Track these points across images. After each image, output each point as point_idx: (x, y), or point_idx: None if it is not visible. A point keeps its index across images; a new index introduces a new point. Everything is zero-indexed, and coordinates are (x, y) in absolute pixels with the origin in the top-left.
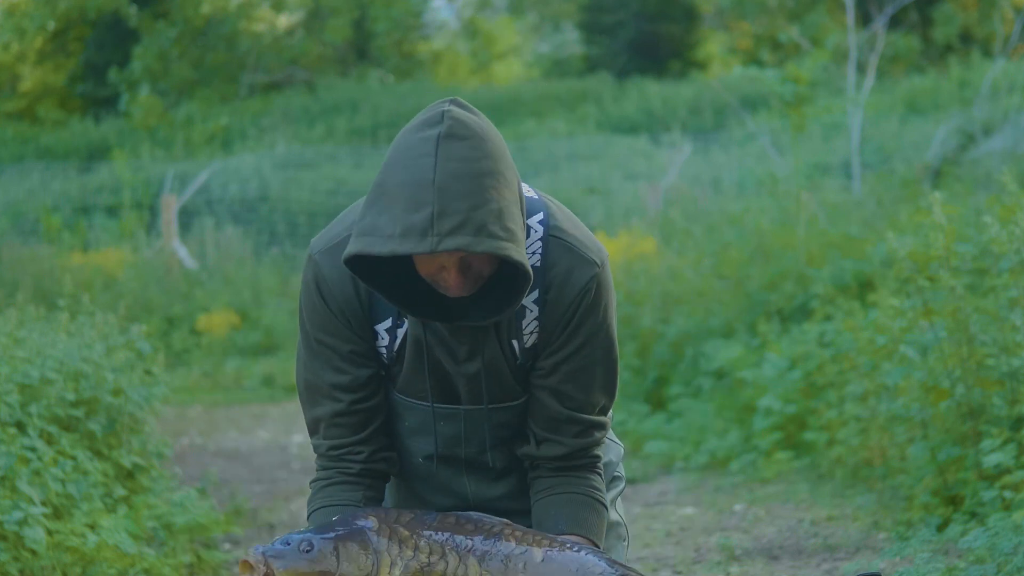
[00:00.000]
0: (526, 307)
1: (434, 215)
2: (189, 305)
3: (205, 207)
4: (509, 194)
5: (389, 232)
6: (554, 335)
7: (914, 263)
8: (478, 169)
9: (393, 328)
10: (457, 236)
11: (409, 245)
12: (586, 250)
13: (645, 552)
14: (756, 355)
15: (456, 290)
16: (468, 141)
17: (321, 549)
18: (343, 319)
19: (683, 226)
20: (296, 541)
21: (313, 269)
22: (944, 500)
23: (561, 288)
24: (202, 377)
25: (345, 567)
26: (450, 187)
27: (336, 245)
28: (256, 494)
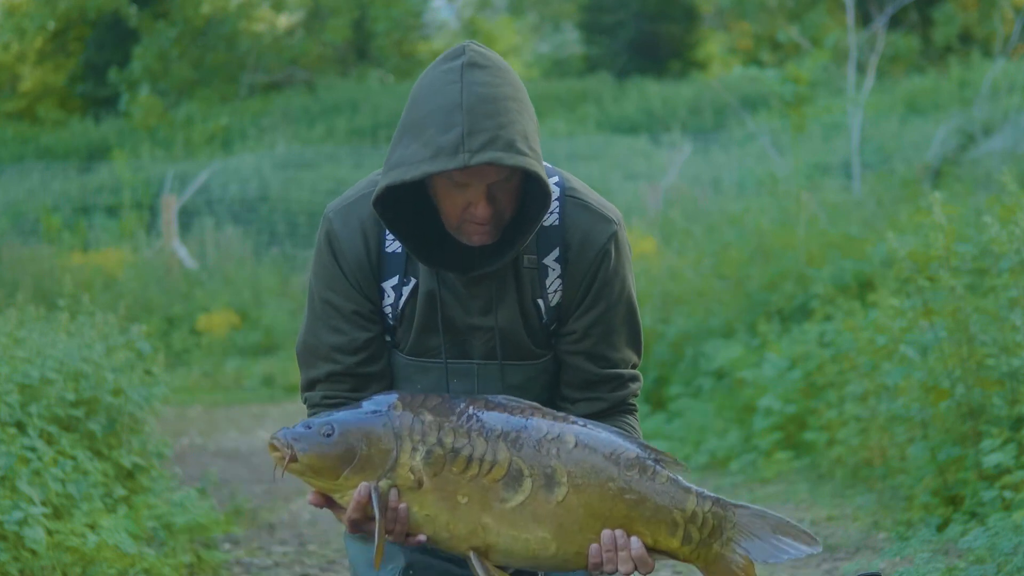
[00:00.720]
0: (548, 266)
1: (464, 134)
2: (189, 305)
3: (205, 207)
4: (530, 120)
5: (420, 157)
6: (578, 294)
7: (914, 263)
8: (502, 93)
9: (399, 286)
10: (488, 151)
11: (441, 163)
12: (603, 208)
13: None
14: (756, 355)
15: (483, 224)
16: (489, 69)
17: (342, 433)
18: (351, 277)
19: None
20: (317, 425)
21: (326, 227)
22: (944, 500)
23: (582, 245)
24: (202, 377)
25: (365, 451)
26: (477, 108)
27: (349, 204)
28: (256, 494)
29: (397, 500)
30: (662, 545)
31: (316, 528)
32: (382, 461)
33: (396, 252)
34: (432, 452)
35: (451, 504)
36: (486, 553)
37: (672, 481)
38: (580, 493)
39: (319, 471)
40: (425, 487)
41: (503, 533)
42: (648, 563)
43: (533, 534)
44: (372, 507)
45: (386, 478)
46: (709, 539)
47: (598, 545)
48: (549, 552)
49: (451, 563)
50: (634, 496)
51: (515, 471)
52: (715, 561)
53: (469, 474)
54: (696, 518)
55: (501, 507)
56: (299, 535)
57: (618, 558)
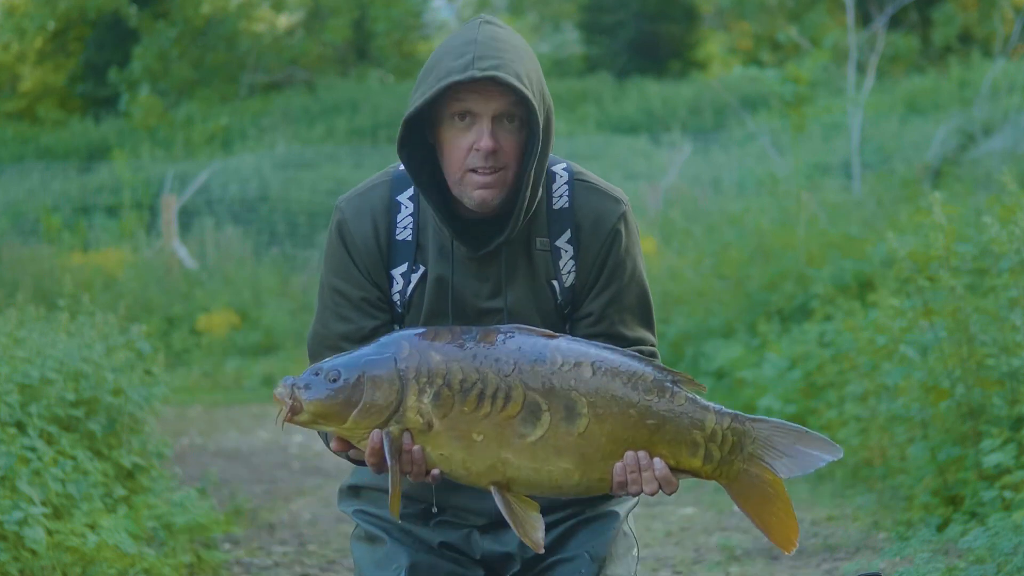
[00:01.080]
0: (561, 248)
1: (475, 57)
2: (189, 305)
3: (205, 207)
4: (536, 71)
5: (432, 82)
6: (592, 274)
7: (914, 263)
8: (515, 43)
9: (408, 273)
10: (496, 69)
11: (450, 79)
12: (611, 190)
13: (645, 552)
14: (756, 355)
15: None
16: (503, 30)
17: (347, 379)
18: (360, 265)
19: (683, 226)
20: (324, 371)
21: (337, 215)
22: (944, 500)
23: (593, 225)
24: (202, 377)
25: (370, 395)
26: (489, 43)
27: (361, 193)
28: (256, 494)
29: (411, 443)
30: (684, 465)
31: (316, 528)
32: (388, 405)
33: (406, 240)
34: (440, 393)
35: (466, 443)
36: (508, 486)
37: (690, 401)
38: (602, 422)
39: (326, 417)
40: (436, 428)
41: (524, 467)
42: (672, 482)
43: (555, 466)
44: (385, 452)
45: (395, 422)
46: (730, 456)
47: (622, 464)
48: (572, 481)
49: (457, 564)
50: (655, 420)
51: (532, 406)
52: (738, 478)
53: (482, 412)
54: (716, 436)
55: (520, 442)
56: (299, 535)
57: (642, 479)
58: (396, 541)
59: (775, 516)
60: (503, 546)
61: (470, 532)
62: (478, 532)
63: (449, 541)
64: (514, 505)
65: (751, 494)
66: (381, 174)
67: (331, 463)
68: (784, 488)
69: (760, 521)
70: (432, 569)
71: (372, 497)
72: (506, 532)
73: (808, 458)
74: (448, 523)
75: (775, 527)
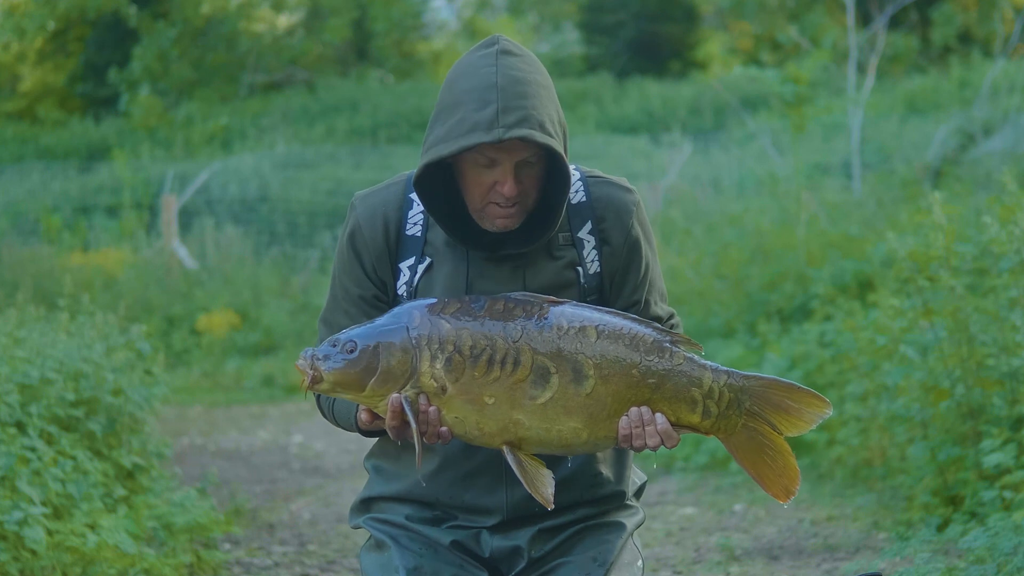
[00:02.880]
0: (583, 239)
1: (499, 110)
2: (189, 305)
3: (205, 207)
4: (556, 108)
5: (457, 133)
6: (622, 260)
7: (914, 263)
8: (534, 79)
9: (415, 265)
10: (521, 127)
11: (476, 136)
12: (620, 181)
13: (645, 553)
14: (756, 355)
15: (508, 206)
16: (522, 58)
17: (364, 349)
18: (367, 262)
19: (683, 226)
20: (341, 342)
21: (350, 211)
22: (944, 500)
23: (615, 215)
24: (202, 377)
25: (386, 363)
26: (511, 89)
27: (376, 191)
28: (256, 494)
29: (427, 404)
30: (684, 421)
31: (316, 528)
32: (403, 371)
33: (415, 236)
34: (451, 359)
35: (478, 405)
36: (519, 445)
37: (688, 360)
38: (607, 382)
39: (345, 386)
40: (449, 392)
41: (534, 427)
42: (673, 437)
43: (565, 425)
44: (406, 414)
45: (411, 386)
46: (727, 411)
47: (627, 418)
48: (581, 439)
49: (461, 569)
50: (655, 379)
51: (540, 369)
52: (737, 432)
53: (492, 376)
54: (713, 393)
55: (531, 404)
56: (299, 535)
57: (645, 433)
58: (401, 546)
59: (774, 468)
60: (512, 541)
61: (479, 532)
62: (488, 532)
63: (459, 540)
64: (526, 464)
65: (749, 447)
66: (397, 176)
67: (331, 463)
68: (784, 440)
69: (757, 473)
70: (436, 573)
71: (382, 507)
72: (516, 530)
73: (802, 413)
74: (460, 527)
75: (773, 479)
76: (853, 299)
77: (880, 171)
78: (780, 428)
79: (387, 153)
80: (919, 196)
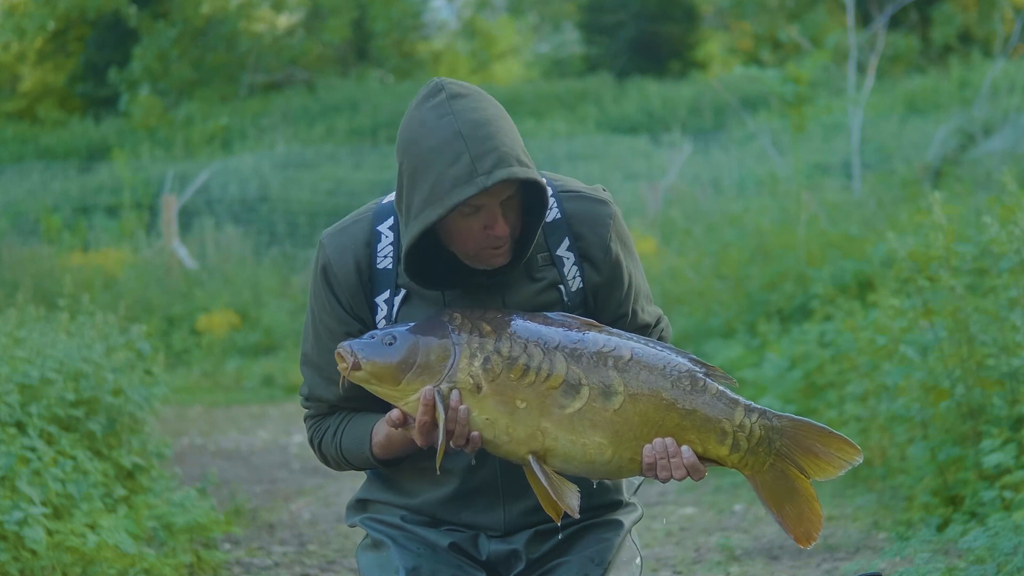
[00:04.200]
0: (562, 257)
1: (473, 159)
2: (189, 305)
3: (205, 207)
4: (517, 136)
5: (438, 195)
6: (604, 275)
7: (914, 263)
8: (490, 116)
9: (391, 298)
10: (501, 169)
11: (461, 192)
12: (595, 192)
13: (645, 553)
14: (756, 355)
15: (501, 245)
16: (471, 97)
17: (403, 341)
18: (344, 302)
19: (683, 226)
20: (380, 335)
21: (319, 253)
22: (944, 500)
23: (593, 230)
24: (202, 377)
25: (424, 359)
26: (476, 133)
27: (343, 228)
28: (256, 494)
29: (459, 401)
30: (712, 453)
31: (316, 528)
32: (441, 366)
33: (387, 269)
34: (490, 359)
35: (510, 408)
36: (544, 457)
37: (721, 393)
38: (636, 402)
39: (381, 377)
40: (484, 391)
41: (561, 437)
42: (700, 470)
43: (590, 439)
44: (437, 408)
45: (446, 382)
46: (757, 448)
47: (651, 446)
48: (605, 457)
49: (459, 570)
50: (686, 406)
51: (572, 380)
52: (766, 473)
53: (527, 381)
54: (744, 427)
55: (560, 412)
56: (299, 535)
57: (671, 464)
58: (400, 547)
59: (797, 511)
60: (510, 544)
61: (477, 535)
62: (485, 536)
63: (457, 542)
64: (551, 474)
65: (774, 488)
66: (363, 209)
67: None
68: (811, 485)
69: (781, 515)
70: (434, 573)
71: (379, 509)
72: (514, 535)
73: (831, 458)
74: (456, 530)
75: (796, 522)
76: (853, 299)
77: (880, 171)
78: (807, 471)
79: (387, 153)
80: (919, 196)
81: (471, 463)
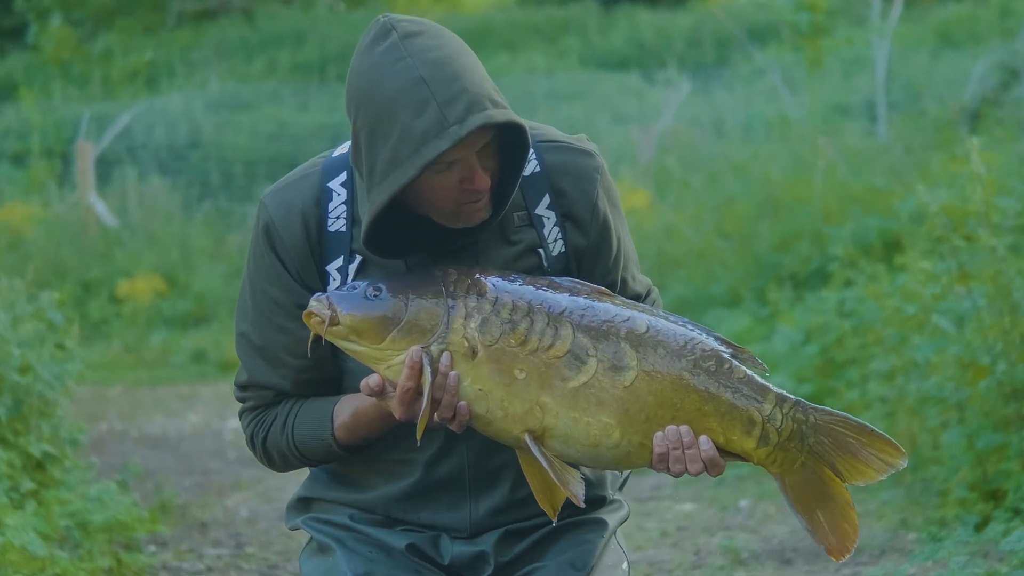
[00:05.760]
0: (542, 216)
1: (440, 106)
2: (108, 268)
3: (127, 155)
4: (485, 73)
5: (405, 154)
6: (591, 238)
7: (948, 219)
8: (452, 53)
9: (344, 266)
10: (474, 114)
11: (432, 148)
12: (579, 143)
13: (637, 556)
14: (766, 327)
15: (481, 198)
16: (426, 34)
17: (391, 292)
18: (292, 269)
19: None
20: (363, 287)
21: (261, 214)
22: (983, 495)
23: (577, 186)
24: (123, 352)
25: (413, 315)
26: (439, 75)
27: (287, 186)
28: (185, 488)
29: (449, 365)
30: (735, 446)
31: (255, 527)
32: (432, 325)
33: (340, 232)
34: (488, 321)
35: (507, 378)
36: (541, 438)
37: (749, 379)
38: (650, 379)
39: (363, 332)
40: (480, 357)
41: (562, 415)
42: (719, 464)
43: (596, 418)
44: (424, 372)
45: (436, 344)
46: (788, 444)
47: (663, 434)
48: (612, 440)
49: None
50: (708, 390)
51: (579, 349)
52: (798, 473)
53: (528, 348)
54: (775, 419)
55: (562, 386)
56: (235, 535)
57: (685, 457)
58: (349, 550)
59: (830, 519)
60: (476, 546)
61: (438, 536)
62: (448, 537)
63: (415, 544)
64: (551, 457)
65: (805, 491)
66: (310, 163)
67: None
68: (846, 489)
69: (812, 523)
70: None
71: (324, 507)
72: (481, 536)
73: (871, 460)
74: (413, 530)
75: (828, 532)
76: (878, 261)
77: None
78: (843, 474)
79: (337, 92)
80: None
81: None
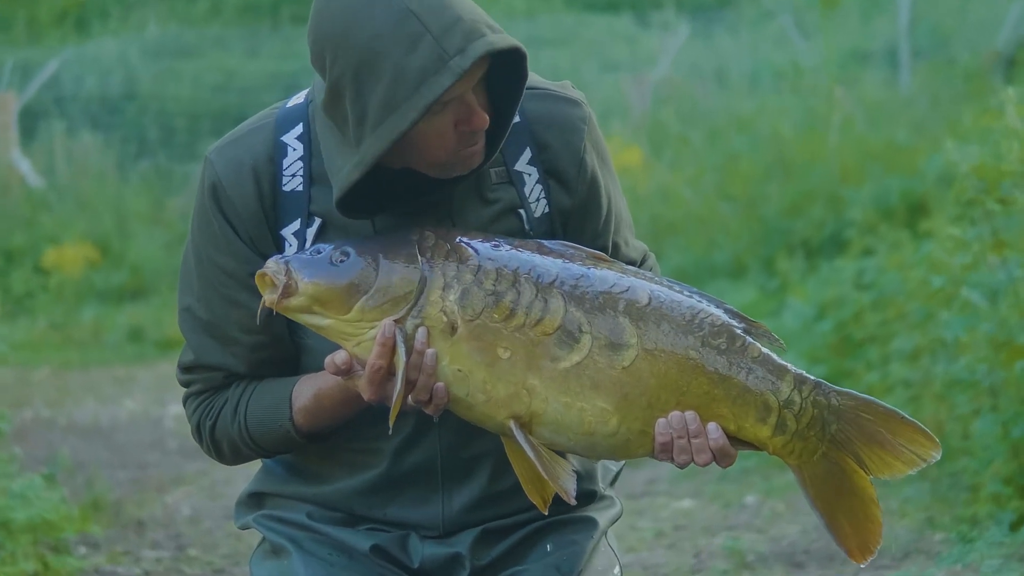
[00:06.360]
0: (522, 172)
1: (436, 38)
2: (33, 235)
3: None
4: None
5: (402, 96)
6: (572, 197)
7: (980, 180)
8: None
9: (302, 230)
10: (473, 42)
11: (437, 85)
12: (564, 90)
13: (629, 558)
14: (774, 300)
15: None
16: None
17: (358, 259)
18: (243, 233)
19: (678, 131)
20: (328, 250)
21: (207, 172)
22: (1019, 490)
23: (562, 138)
24: (50, 330)
25: (384, 282)
26: (428, 6)
27: (235, 140)
28: (121, 482)
29: (425, 343)
30: (748, 433)
31: (198, 527)
32: (405, 294)
33: (296, 191)
34: (469, 293)
35: (490, 358)
36: (529, 425)
37: (765, 357)
38: (652, 359)
39: (327, 302)
40: (459, 333)
41: (552, 399)
42: (729, 454)
43: (590, 403)
44: (398, 350)
45: (411, 318)
46: (807, 432)
47: (666, 421)
48: (609, 428)
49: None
50: (718, 369)
51: (571, 324)
52: (818, 464)
53: (513, 323)
54: (793, 404)
55: (552, 367)
56: (176, 536)
57: (692, 446)
58: (306, 552)
59: (852, 516)
60: (449, 547)
61: (407, 535)
62: (417, 537)
63: (381, 545)
64: (539, 446)
65: (828, 485)
66: (261, 115)
67: None
68: (871, 484)
69: (832, 520)
70: None
71: (278, 504)
72: (455, 536)
73: (899, 451)
74: (380, 530)
75: (850, 530)
76: (900, 227)
77: (935, 60)
78: (868, 466)
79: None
80: (986, 93)
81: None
